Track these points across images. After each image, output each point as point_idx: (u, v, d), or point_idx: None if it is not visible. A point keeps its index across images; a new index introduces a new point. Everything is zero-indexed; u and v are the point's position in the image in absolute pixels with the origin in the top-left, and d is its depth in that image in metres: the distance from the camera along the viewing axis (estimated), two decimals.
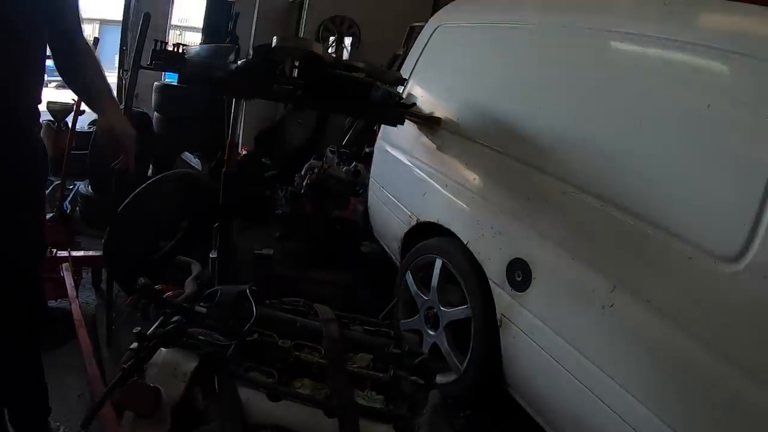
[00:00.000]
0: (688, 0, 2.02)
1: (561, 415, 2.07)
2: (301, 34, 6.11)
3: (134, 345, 1.56)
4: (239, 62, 2.47)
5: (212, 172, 4.13)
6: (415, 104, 2.95)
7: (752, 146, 1.60)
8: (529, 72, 2.55)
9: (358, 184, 3.95)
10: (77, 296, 2.77)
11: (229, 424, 1.33)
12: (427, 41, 3.22)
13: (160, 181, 3.13)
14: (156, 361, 1.47)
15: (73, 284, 2.87)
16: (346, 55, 5.69)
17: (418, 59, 3.26)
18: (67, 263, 3.02)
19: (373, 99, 2.48)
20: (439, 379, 2.57)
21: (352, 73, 2.51)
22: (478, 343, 2.40)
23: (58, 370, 2.35)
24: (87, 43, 1.77)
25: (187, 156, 4.21)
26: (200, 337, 1.59)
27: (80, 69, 1.72)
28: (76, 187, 4.41)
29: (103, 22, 20.80)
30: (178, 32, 16.80)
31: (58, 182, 4.00)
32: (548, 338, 2.03)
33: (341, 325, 1.78)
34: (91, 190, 4.23)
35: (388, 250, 3.44)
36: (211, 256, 2.95)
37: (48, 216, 3.52)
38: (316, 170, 3.89)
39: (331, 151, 4.90)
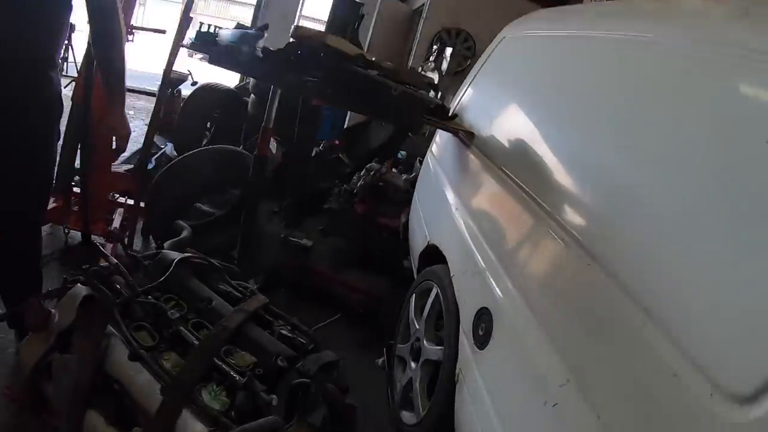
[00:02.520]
0: None
1: None
2: (416, 42, 6.02)
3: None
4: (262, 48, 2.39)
5: (283, 156, 4.14)
6: (456, 116, 2.66)
7: None
8: (597, 95, 1.91)
9: None
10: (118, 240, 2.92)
11: (83, 361, 1.45)
12: (492, 52, 2.89)
13: (206, 152, 3.21)
14: (70, 292, 1.63)
15: (117, 227, 3.17)
16: (445, 65, 5.50)
17: (479, 70, 2.95)
18: (122, 209, 3.37)
19: (387, 100, 2.27)
20: (405, 416, 2.32)
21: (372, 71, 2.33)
22: (440, 394, 2.07)
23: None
24: (119, 31, 1.92)
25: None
26: (117, 286, 1.69)
27: (106, 50, 1.93)
28: (165, 147, 4.71)
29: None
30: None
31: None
32: (487, 421, 1.64)
33: (258, 322, 1.67)
34: (174, 153, 4.48)
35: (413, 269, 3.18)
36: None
37: (129, 167, 3.80)
38: (372, 173, 3.72)
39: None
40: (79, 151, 2.82)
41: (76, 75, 3.76)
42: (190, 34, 2.66)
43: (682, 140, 1.33)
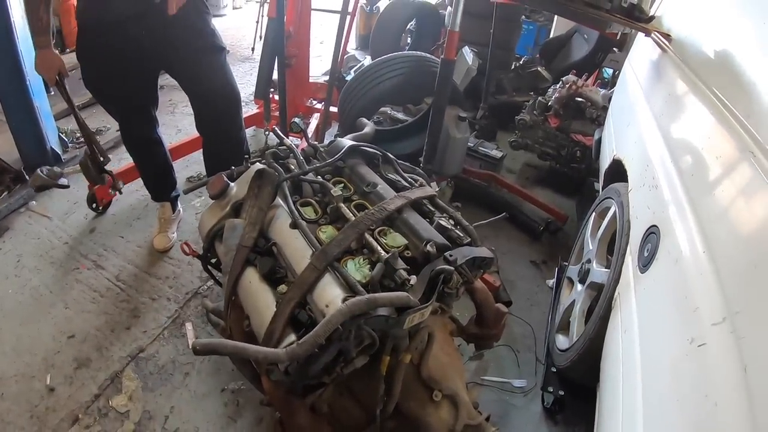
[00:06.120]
0: None
1: None
2: None
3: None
4: None
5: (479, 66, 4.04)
6: (653, 17, 2.31)
7: None
8: None
9: None
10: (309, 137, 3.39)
11: (249, 223, 1.66)
12: None
13: (393, 59, 3.26)
14: (248, 170, 1.87)
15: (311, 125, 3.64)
16: None
17: None
18: (318, 114, 3.84)
19: None
20: (559, 340, 2.25)
21: None
22: (595, 319, 1.93)
23: None
24: None
25: (466, 49, 4.19)
26: (280, 161, 1.90)
27: None
28: (364, 60, 4.93)
29: None
30: None
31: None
32: (630, 354, 1.51)
33: (420, 211, 1.73)
34: None
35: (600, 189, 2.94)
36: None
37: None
38: (568, 85, 3.43)
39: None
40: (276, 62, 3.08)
41: None
42: None
43: None
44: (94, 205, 3.07)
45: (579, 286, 2.30)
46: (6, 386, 2.11)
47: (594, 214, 2.48)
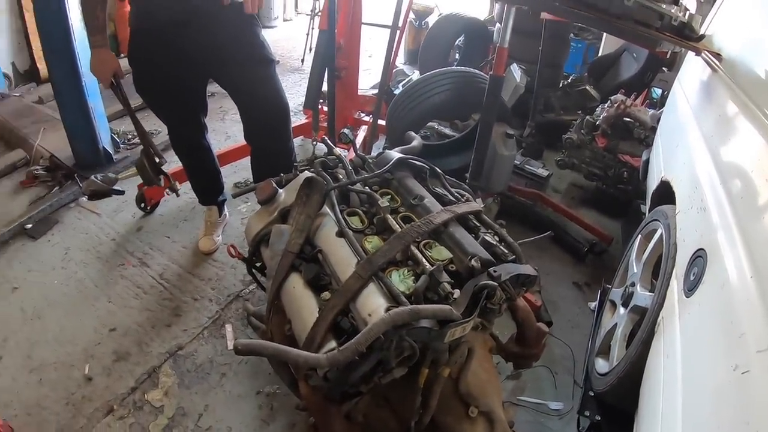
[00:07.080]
0: None
1: None
2: None
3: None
4: None
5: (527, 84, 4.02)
6: (703, 36, 2.26)
7: None
8: None
9: None
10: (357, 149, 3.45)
11: (296, 230, 1.71)
12: None
13: (442, 74, 3.28)
14: (297, 177, 1.94)
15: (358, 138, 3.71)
16: None
17: None
18: (367, 126, 3.84)
19: (620, 11, 2.02)
20: (599, 364, 2.20)
21: None
22: (637, 343, 1.88)
23: None
24: None
25: (514, 66, 4.18)
26: (328, 171, 1.95)
27: None
28: (412, 75, 4.97)
29: None
30: None
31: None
32: (671, 381, 1.46)
33: (465, 225, 1.74)
34: None
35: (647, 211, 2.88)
36: None
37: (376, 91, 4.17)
38: (616, 105, 3.38)
39: None
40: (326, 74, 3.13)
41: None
42: None
43: None
44: (142, 205, 3.18)
45: (622, 310, 2.25)
46: (45, 372, 2.20)
47: (640, 236, 2.43)
